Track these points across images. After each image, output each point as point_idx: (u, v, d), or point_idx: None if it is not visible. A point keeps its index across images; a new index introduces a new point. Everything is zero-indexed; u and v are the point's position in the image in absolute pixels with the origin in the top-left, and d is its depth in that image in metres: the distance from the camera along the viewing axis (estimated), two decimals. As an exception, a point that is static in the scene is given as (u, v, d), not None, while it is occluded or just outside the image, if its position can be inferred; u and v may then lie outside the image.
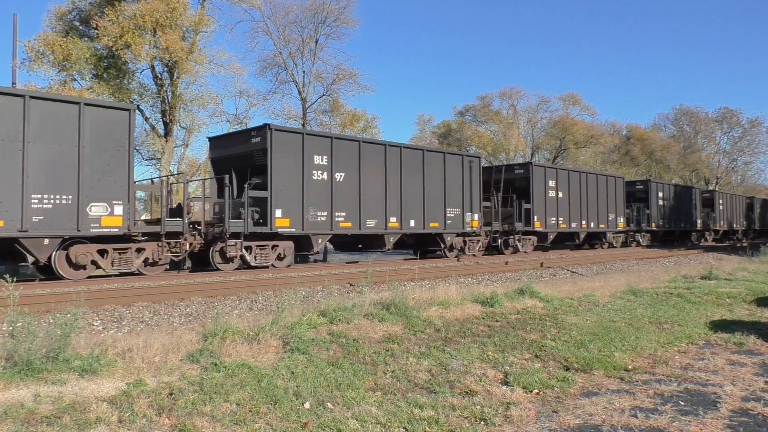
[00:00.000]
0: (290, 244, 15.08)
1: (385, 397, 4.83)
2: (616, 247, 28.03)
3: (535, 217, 22.57)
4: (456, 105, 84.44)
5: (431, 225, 18.35)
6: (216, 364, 5.29)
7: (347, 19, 33.95)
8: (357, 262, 18.16)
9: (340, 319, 7.25)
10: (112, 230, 11.72)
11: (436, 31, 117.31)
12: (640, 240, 30.22)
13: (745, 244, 34.33)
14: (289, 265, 15.08)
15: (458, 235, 19.59)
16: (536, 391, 5.16)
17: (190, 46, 23.94)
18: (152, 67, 24.26)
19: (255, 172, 14.83)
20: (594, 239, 27.41)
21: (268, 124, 14.55)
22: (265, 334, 6.19)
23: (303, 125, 32.19)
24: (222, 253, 13.85)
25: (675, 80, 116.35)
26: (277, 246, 14.83)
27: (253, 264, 14.33)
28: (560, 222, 24.01)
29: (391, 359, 5.97)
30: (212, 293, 10.25)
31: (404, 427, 4.20)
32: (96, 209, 11.55)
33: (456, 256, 19.51)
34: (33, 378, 4.60)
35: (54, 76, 22.43)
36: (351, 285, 11.87)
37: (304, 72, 33.52)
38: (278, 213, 14.39)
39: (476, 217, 19.97)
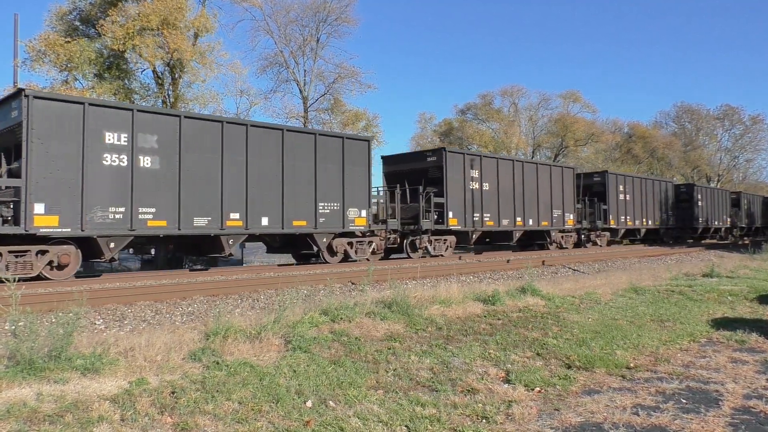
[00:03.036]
0: (454, 238, 19.96)
1: (387, 396, 4.84)
2: (668, 243, 32.19)
3: (610, 216, 27.15)
4: (457, 103, 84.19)
5: (543, 223, 23.26)
6: (218, 363, 5.29)
7: (348, 17, 33.91)
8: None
9: (341, 318, 7.25)
10: (360, 228, 16.39)
11: (437, 30, 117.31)
12: (688, 235, 35.63)
13: (746, 242, 34.90)
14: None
15: (560, 231, 24.43)
16: (538, 389, 5.17)
17: (193, 42, 23.93)
18: (153, 68, 24.22)
19: (428, 184, 19.16)
20: (651, 235, 31.92)
21: (443, 148, 19.67)
22: (267, 332, 6.19)
23: (304, 124, 32.19)
24: (412, 244, 18.46)
25: (676, 78, 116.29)
26: (447, 239, 19.56)
27: (433, 253, 18.90)
28: (628, 220, 28.55)
29: (393, 357, 5.98)
30: (214, 292, 10.26)
31: (406, 426, 4.20)
32: (351, 213, 16.08)
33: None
34: (35, 377, 4.61)
35: (56, 76, 22.46)
36: (353, 283, 11.87)
37: (305, 70, 33.49)
38: (451, 214, 19.12)
39: (572, 216, 24.90)
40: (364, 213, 16.33)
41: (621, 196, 27.82)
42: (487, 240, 22.63)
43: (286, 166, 14.68)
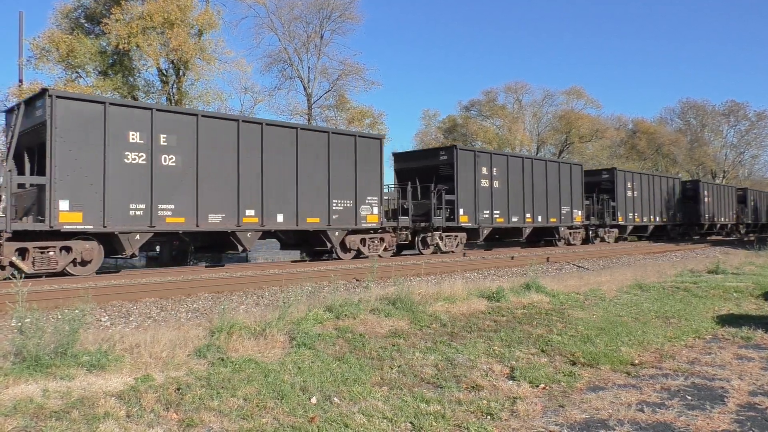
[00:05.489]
0: (617, 230, 29.29)
1: (392, 392, 4.85)
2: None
3: (701, 215, 36.85)
4: (461, 100, 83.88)
5: (663, 219, 32.98)
6: (223, 359, 5.31)
7: (352, 14, 33.87)
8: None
9: (346, 315, 7.25)
10: (577, 223, 25.62)
11: (440, 26, 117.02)
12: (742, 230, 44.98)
13: (752, 238, 34.95)
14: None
15: (671, 226, 34.27)
16: (542, 385, 5.16)
17: (197, 41, 23.91)
18: (158, 65, 24.25)
19: (601, 192, 28.48)
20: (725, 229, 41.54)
21: (615, 168, 30.69)
22: (272, 329, 6.20)
23: (308, 121, 32.22)
24: (595, 234, 27.74)
25: (681, 73, 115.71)
26: (613, 231, 28.77)
27: (606, 239, 28.03)
28: (710, 218, 38.29)
29: (398, 354, 5.98)
30: (219, 289, 10.29)
31: (410, 422, 4.21)
32: (575, 213, 25.54)
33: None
34: (42, 373, 4.63)
35: (60, 74, 22.52)
36: (357, 280, 11.88)
37: (309, 68, 33.49)
38: (619, 213, 28.55)
39: (679, 215, 34.84)
40: (579, 213, 25.89)
41: (707, 200, 37.99)
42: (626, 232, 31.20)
43: (548, 183, 23.92)
